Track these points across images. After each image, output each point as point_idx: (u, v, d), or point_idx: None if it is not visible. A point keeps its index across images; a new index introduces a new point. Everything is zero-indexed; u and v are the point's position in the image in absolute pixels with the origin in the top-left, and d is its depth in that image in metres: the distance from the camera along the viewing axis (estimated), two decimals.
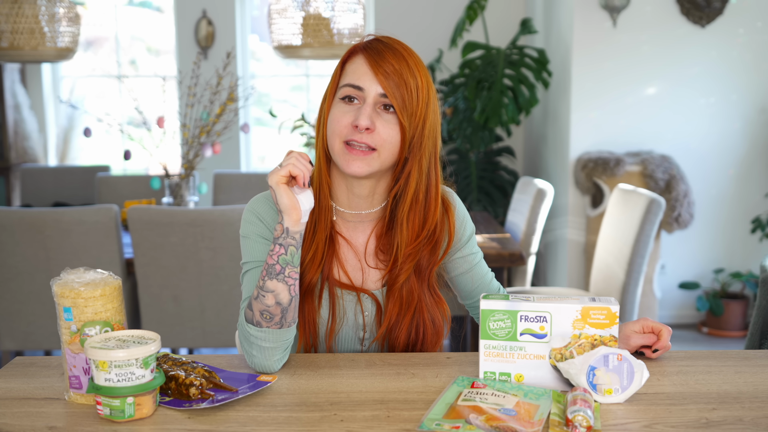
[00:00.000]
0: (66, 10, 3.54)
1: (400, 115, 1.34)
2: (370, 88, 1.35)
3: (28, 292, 2.96)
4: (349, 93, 1.36)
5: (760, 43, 4.19)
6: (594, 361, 1.16)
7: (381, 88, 1.34)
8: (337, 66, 1.42)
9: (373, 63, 1.35)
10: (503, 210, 4.72)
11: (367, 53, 1.37)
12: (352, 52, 1.41)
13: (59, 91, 5.68)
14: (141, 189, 4.19)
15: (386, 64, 1.35)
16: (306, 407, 1.14)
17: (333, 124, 1.36)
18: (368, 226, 1.46)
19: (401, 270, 1.41)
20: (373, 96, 1.34)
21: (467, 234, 1.50)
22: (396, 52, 1.37)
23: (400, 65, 1.35)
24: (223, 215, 2.88)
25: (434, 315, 1.44)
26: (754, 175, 4.30)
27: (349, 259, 1.45)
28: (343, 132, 1.35)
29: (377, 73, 1.34)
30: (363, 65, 1.36)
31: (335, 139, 1.36)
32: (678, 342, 4.16)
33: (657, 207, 2.92)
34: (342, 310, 1.43)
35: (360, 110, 1.34)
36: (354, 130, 1.34)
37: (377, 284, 1.45)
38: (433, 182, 1.41)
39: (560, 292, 3.47)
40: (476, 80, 4.50)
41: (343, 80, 1.38)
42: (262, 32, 5.72)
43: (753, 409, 1.12)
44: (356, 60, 1.38)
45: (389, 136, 1.35)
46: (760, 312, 1.75)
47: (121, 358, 1.07)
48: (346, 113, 1.35)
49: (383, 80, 1.34)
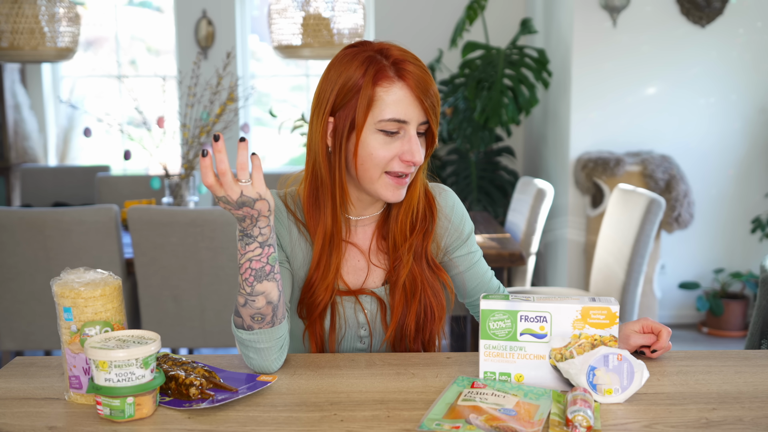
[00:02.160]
0: (66, 10, 3.53)
1: (435, 132, 1.36)
2: (414, 118, 1.32)
3: (28, 292, 2.96)
4: (393, 128, 1.31)
5: (760, 43, 4.19)
6: (594, 361, 1.16)
7: (424, 117, 1.33)
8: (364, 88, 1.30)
9: (420, 93, 1.31)
10: (503, 210, 4.72)
11: (409, 81, 1.31)
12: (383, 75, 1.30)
13: (59, 91, 5.68)
14: (141, 189, 4.19)
15: (431, 90, 1.32)
16: (306, 407, 1.14)
17: (376, 157, 1.31)
18: (371, 227, 1.47)
19: (401, 264, 1.41)
20: (416, 126, 1.33)
21: (467, 232, 1.50)
22: (427, 72, 1.33)
23: (432, 84, 1.33)
24: (223, 215, 2.88)
25: (436, 288, 1.45)
26: (754, 175, 4.30)
27: (351, 263, 1.45)
28: (389, 165, 1.33)
29: (424, 103, 1.32)
30: (407, 96, 1.31)
31: (375, 171, 1.33)
32: (678, 342, 4.16)
33: (657, 207, 2.92)
34: (342, 317, 1.43)
35: (410, 144, 1.31)
36: (402, 163, 1.32)
37: (378, 282, 1.45)
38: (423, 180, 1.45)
39: (560, 292, 3.46)
40: (476, 80, 4.50)
41: (383, 111, 1.30)
42: (262, 32, 5.72)
43: (753, 409, 1.12)
44: (395, 89, 1.31)
45: (425, 157, 1.38)
46: (760, 312, 1.75)
47: (121, 358, 1.07)
48: (389, 145, 1.32)
49: (430, 111, 1.33)
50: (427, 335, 1.46)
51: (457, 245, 1.50)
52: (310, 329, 1.42)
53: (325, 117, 1.34)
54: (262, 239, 1.21)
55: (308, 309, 1.42)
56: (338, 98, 1.32)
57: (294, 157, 6.04)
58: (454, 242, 1.49)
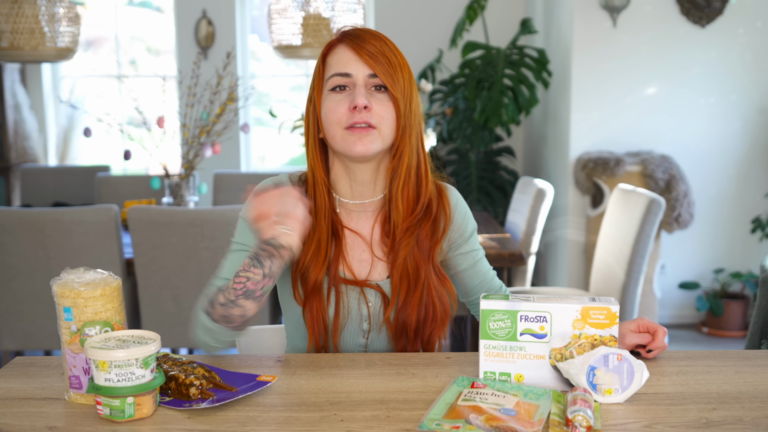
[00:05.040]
0: (66, 10, 3.53)
1: (392, 90, 1.37)
2: (358, 71, 1.37)
3: (28, 292, 2.96)
4: (338, 82, 1.38)
5: (760, 43, 4.19)
6: (594, 361, 1.16)
7: (369, 69, 1.37)
8: (317, 63, 1.43)
9: (356, 47, 1.37)
10: (503, 210, 4.72)
11: (347, 39, 1.40)
12: (330, 45, 1.42)
13: (59, 91, 5.68)
14: (141, 189, 4.19)
15: (369, 45, 1.37)
16: (306, 407, 1.14)
17: (329, 114, 1.38)
18: (372, 215, 1.47)
19: (401, 245, 1.42)
20: (362, 78, 1.37)
21: (469, 230, 1.51)
22: (374, 34, 1.40)
23: (381, 45, 1.38)
24: (223, 215, 2.88)
25: (441, 293, 1.45)
26: (754, 175, 4.30)
27: (356, 253, 1.45)
28: (342, 119, 1.36)
29: (362, 55, 1.37)
30: (346, 52, 1.38)
31: (335, 129, 1.37)
32: (678, 342, 4.16)
33: (657, 207, 2.92)
34: (346, 307, 1.43)
35: (354, 93, 1.36)
36: (353, 113, 1.35)
37: (383, 275, 1.45)
38: (422, 159, 1.45)
39: (560, 292, 3.47)
40: (476, 80, 4.50)
41: (329, 72, 1.40)
42: (262, 32, 5.72)
43: (753, 409, 1.12)
44: (337, 50, 1.40)
45: (386, 112, 1.37)
46: (760, 312, 1.75)
47: (121, 358, 1.07)
48: (340, 101, 1.37)
49: (369, 61, 1.36)
50: (426, 335, 1.45)
51: (459, 243, 1.50)
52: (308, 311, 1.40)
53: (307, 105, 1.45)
54: (267, 271, 1.28)
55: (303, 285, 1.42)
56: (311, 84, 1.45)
57: (294, 157, 6.04)
58: (456, 240, 1.50)
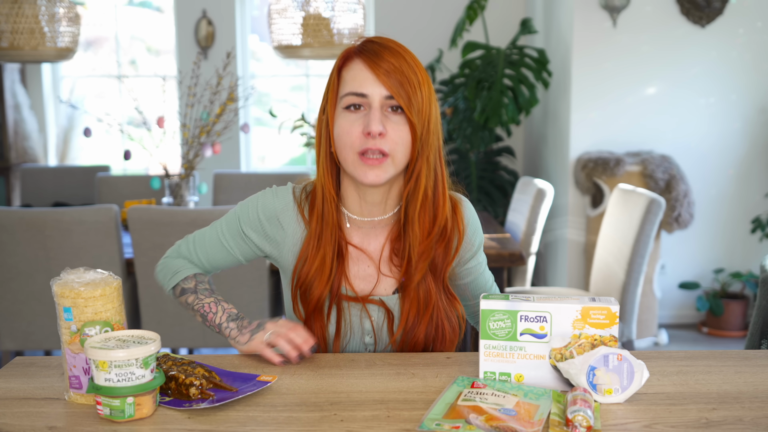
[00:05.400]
0: (66, 10, 3.53)
1: (408, 113, 1.31)
2: (374, 92, 1.31)
3: (28, 292, 2.96)
4: (353, 102, 1.32)
5: (760, 43, 4.19)
6: (594, 361, 1.16)
7: (386, 90, 1.31)
8: (332, 74, 1.37)
9: (372, 65, 1.31)
10: (503, 210, 4.72)
11: (364, 56, 1.33)
12: (345, 57, 1.36)
13: (59, 91, 5.68)
14: (141, 189, 4.19)
15: (385, 63, 1.31)
16: (306, 407, 1.14)
17: (343, 136, 1.33)
18: (381, 232, 1.43)
19: (416, 269, 1.38)
20: (378, 100, 1.31)
21: (477, 244, 1.49)
22: (392, 50, 1.33)
23: (399, 62, 1.31)
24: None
25: (450, 314, 1.43)
26: (754, 175, 4.30)
27: (361, 268, 1.43)
28: (355, 143, 1.31)
29: (378, 74, 1.30)
30: (362, 70, 1.32)
31: (347, 152, 1.33)
32: (678, 342, 4.16)
33: (657, 207, 2.92)
34: (348, 324, 1.42)
35: (369, 116, 1.31)
36: (366, 138, 1.30)
37: (388, 290, 1.43)
38: (440, 178, 1.39)
39: (560, 292, 3.47)
40: (476, 80, 4.50)
41: (344, 88, 1.34)
42: (262, 32, 5.72)
43: (753, 409, 1.12)
44: (353, 65, 1.34)
45: (400, 138, 1.32)
46: (760, 312, 1.75)
47: (121, 358, 1.07)
48: (354, 123, 1.32)
49: (386, 81, 1.30)
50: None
51: (467, 258, 1.48)
52: (308, 326, 1.42)
53: (319, 116, 1.40)
54: (229, 333, 1.40)
55: (303, 303, 1.41)
56: (324, 95, 1.39)
57: (294, 157, 6.04)
58: (464, 255, 1.48)
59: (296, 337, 1.32)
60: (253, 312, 3.01)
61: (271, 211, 1.43)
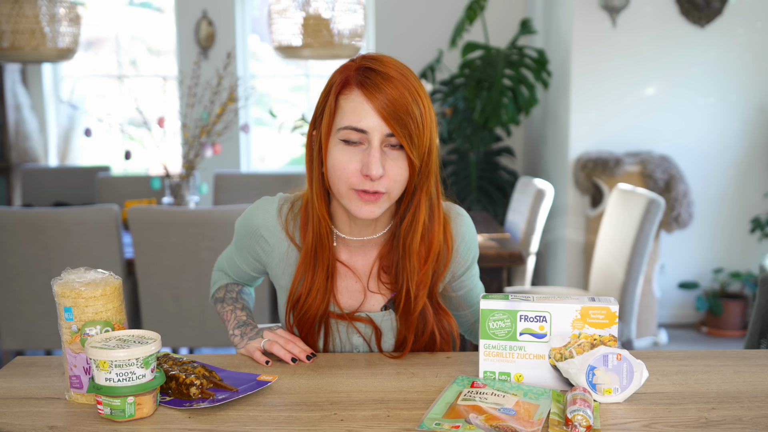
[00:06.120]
0: (66, 10, 3.54)
1: (409, 151, 1.25)
2: (374, 129, 1.24)
3: (28, 292, 2.96)
4: (350, 137, 1.25)
5: (760, 43, 4.19)
6: (593, 361, 1.16)
7: (387, 128, 1.24)
8: (330, 97, 1.29)
9: (373, 99, 1.23)
10: (503, 210, 4.72)
11: (365, 89, 1.25)
12: (344, 83, 1.27)
13: (60, 92, 5.68)
14: (141, 189, 4.19)
15: (386, 96, 1.23)
16: (306, 407, 1.14)
17: (338, 170, 1.26)
18: (371, 250, 1.41)
19: (417, 299, 1.35)
20: (379, 138, 1.24)
21: (471, 258, 1.45)
22: (393, 80, 1.24)
23: (401, 95, 1.24)
24: (223, 215, 2.88)
25: (442, 328, 1.41)
26: (754, 175, 4.30)
27: (348, 284, 1.41)
28: (351, 180, 1.26)
29: (379, 111, 1.23)
30: (362, 103, 1.24)
31: (341, 185, 1.27)
32: (677, 342, 4.16)
33: (656, 207, 2.92)
34: (337, 341, 1.43)
35: (368, 156, 1.24)
36: (363, 179, 1.25)
37: (376, 307, 1.41)
38: (436, 202, 1.35)
39: (560, 292, 3.47)
40: (476, 80, 4.51)
41: (341, 120, 1.26)
42: (263, 32, 5.72)
43: (752, 408, 1.13)
44: (353, 96, 1.26)
45: (399, 175, 1.26)
46: (759, 312, 1.75)
47: (122, 357, 1.07)
48: (351, 159, 1.26)
49: (387, 118, 1.23)
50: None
51: (460, 273, 1.45)
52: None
53: (311, 129, 1.35)
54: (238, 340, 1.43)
55: (299, 324, 1.41)
56: (317, 110, 1.33)
57: (294, 158, 6.04)
58: (457, 271, 1.44)
59: (293, 348, 1.35)
60: (253, 312, 3.01)
61: (256, 227, 1.43)
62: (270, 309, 3.15)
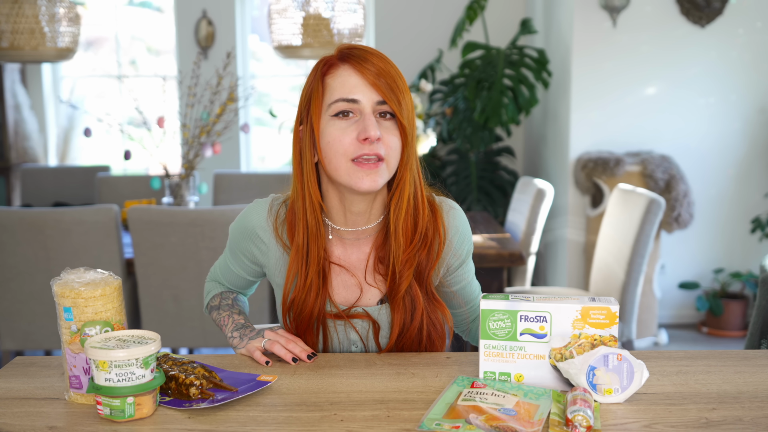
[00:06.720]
0: (66, 10, 3.54)
1: (399, 117, 1.30)
2: (365, 98, 1.29)
3: (28, 292, 2.96)
4: (343, 108, 1.29)
5: (760, 43, 4.19)
6: (594, 361, 1.16)
7: (377, 95, 1.29)
8: (315, 84, 1.33)
9: (362, 69, 1.29)
10: (503, 210, 4.72)
11: (352, 61, 1.30)
12: (329, 64, 1.32)
13: (59, 91, 5.68)
14: (141, 189, 4.19)
15: (374, 67, 1.29)
16: (306, 407, 1.14)
17: (334, 144, 1.29)
18: (366, 242, 1.41)
19: (402, 278, 1.36)
20: (370, 105, 1.29)
21: (465, 252, 1.46)
22: (376, 54, 1.31)
23: (385, 65, 1.30)
24: (223, 215, 2.88)
25: (435, 320, 1.41)
26: (754, 175, 4.30)
27: (343, 279, 1.41)
28: (348, 150, 1.28)
29: (368, 78, 1.28)
30: (351, 75, 1.29)
31: (340, 160, 1.29)
32: (678, 342, 4.16)
33: (657, 207, 2.92)
34: (335, 340, 1.43)
35: (364, 122, 1.28)
36: (362, 144, 1.27)
37: (373, 301, 1.42)
38: (419, 183, 1.37)
39: (560, 292, 3.47)
40: (476, 80, 4.51)
41: (331, 95, 1.30)
42: (262, 32, 5.72)
43: (753, 408, 1.12)
44: (340, 72, 1.31)
45: (393, 142, 1.30)
46: (759, 312, 1.75)
47: (122, 358, 1.07)
48: (346, 129, 1.29)
49: (377, 85, 1.28)
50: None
51: (455, 266, 1.46)
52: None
53: (296, 127, 1.37)
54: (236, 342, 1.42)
55: (296, 324, 1.41)
56: (302, 105, 1.36)
57: None
58: (452, 264, 1.45)
59: (294, 347, 1.35)
60: (253, 312, 3.01)
61: (252, 227, 1.43)
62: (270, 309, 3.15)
